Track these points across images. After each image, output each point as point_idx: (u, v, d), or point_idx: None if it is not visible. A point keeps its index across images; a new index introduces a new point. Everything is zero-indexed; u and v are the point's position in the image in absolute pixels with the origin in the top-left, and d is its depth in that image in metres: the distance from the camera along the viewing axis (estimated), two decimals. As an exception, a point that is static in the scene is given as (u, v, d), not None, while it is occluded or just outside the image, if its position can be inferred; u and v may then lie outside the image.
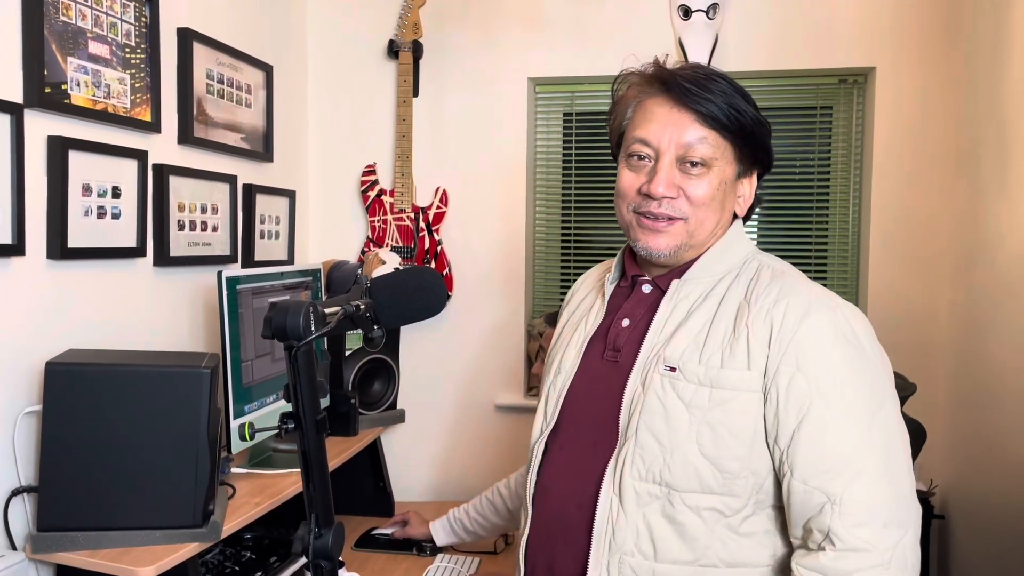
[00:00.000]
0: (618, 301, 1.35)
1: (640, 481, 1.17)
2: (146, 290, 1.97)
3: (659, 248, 1.25)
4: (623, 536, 1.18)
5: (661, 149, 1.23)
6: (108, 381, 1.45)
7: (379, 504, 2.46)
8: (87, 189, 1.74)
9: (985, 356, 2.10)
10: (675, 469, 1.16)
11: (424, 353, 2.74)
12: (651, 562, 1.17)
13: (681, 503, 1.16)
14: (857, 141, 2.54)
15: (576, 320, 1.42)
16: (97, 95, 1.77)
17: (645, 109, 1.26)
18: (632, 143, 1.26)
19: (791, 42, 2.48)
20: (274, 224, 2.52)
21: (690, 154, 1.22)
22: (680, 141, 1.22)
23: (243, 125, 2.35)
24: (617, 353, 1.29)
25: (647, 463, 1.17)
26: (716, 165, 1.23)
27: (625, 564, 1.17)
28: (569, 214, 2.76)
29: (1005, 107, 2.01)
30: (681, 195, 1.23)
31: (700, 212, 1.24)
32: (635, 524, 1.17)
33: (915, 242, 2.43)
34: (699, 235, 1.26)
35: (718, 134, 1.23)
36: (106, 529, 1.46)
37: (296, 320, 0.98)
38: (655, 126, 1.24)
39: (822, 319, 1.16)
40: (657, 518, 1.17)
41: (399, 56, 2.66)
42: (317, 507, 1.05)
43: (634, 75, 1.30)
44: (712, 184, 1.23)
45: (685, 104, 1.23)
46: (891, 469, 1.13)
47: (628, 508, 1.18)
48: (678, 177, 1.23)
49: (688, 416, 1.16)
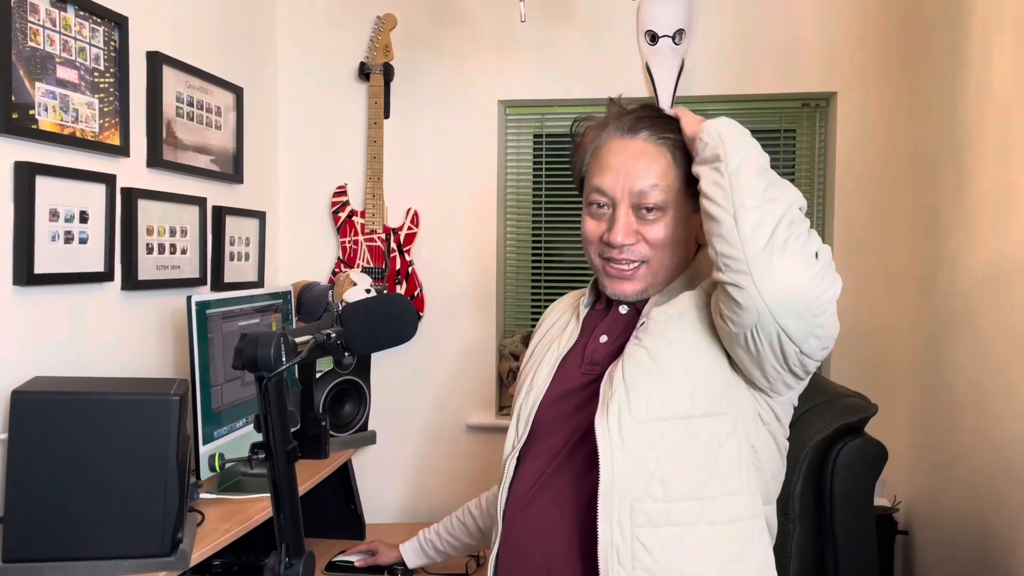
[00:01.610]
0: (594, 322, 1.39)
1: (646, 422, 1.19)
2: (114, 315, 1.95)
3: (625, 293, 1.32)
4: (632, 482, 1.18)
5: (616, 198, 1.29)
6: (75, 410, 1.43)
7: (350, 527, 2.45)
8: (54, 214, 1.73)
9: (944, 374, 2.16)
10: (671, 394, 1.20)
11: (395, 374, 2.74)
12: (662, 503, 1.18)
13: (684, 432, 1.19)
14: (820, 163, 2.60)
15: (549, 340, 1.45)
16: (65, 120, 1.76)
17: (600, 158, 1.32)
18: (591, 193, 1.32)
19: (755, 67, 2.53)
20: (244, 246, 2.52)
21: (644, 201, 1.27)
22: (633, 190, 1.27)
23: (213, 147, 2.35)
24: (595, 367, 1.32)
25: (645, 401, 1.20)
26: (671, 207, 1.28)
27: (636, 510, 1.18)
28: (540, 235, 2.79)
29: (961, 130, 2.07)
30: (640, 240, 1.29)
31: (660, 253, 1.30)
32: (644, 467, 1.18)
33: (877, 263, 2.49)
34: (662, 274, 1.32)
35: (669, 171, 1.28)
36: (73, 559, 1.44)
37: (267, 351, 0.98)
38: (609, 177, 1.29)
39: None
40: (663, 457, 1.19)
41: (370, 78, 2.68)
42: (287, 537, 1.05)
43: (590, 119, 1.36)
44: (669, 225, 1.29)
45: (641, 139, 1.28)
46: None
47: (636, 452, 1.19)
48: (635, 223, 1.29)
49: (666, 343, 1.22)
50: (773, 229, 1.09)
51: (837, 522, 1.66)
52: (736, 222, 1.10)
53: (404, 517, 2.76)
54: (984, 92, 1.92)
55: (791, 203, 1.12)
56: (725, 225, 1.11)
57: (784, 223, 1.09)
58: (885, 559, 2.27)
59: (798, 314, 1.09)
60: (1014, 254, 1.74)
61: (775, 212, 1.10)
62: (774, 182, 1.14)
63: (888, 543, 2.32)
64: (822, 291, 1.09)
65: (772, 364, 1.16)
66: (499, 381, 2.74)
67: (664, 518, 1.18)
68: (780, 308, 1.08)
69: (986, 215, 1.90)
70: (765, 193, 1.12)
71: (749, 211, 1.10)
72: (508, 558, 1.33)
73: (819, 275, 1.08)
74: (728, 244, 1.11)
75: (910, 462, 2.41)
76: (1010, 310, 1.75)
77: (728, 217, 1.11)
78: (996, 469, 1.80)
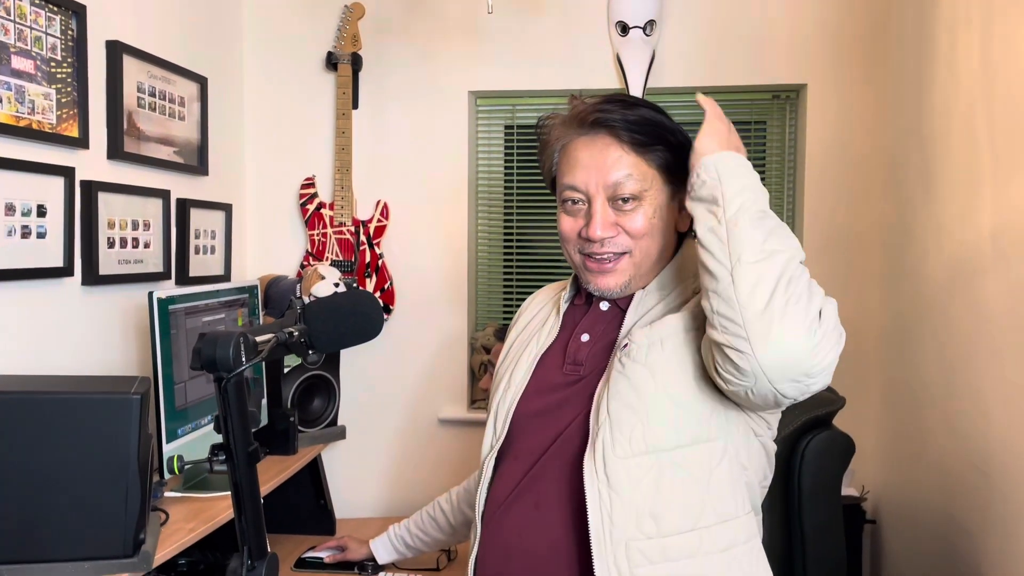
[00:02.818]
0: (574, 318, 1.37)
1: (629, 458, 1.17)
2: (75, 311, 1.91)
3: (609, 287, 1.29)
4: (624, 521, 1.16)
5: (591, 193, 1.26)
6: (32, 410, 1.39)
7: (320, 522, 2.42)
8: (10, 208, 1.69)
9: (912, 366, 2.17)
10: (655, 428, 1.17)
11: (365, 368, 2.71)
12: (656, 540, 1.16)
13: (671, 464, 1.17)
14: (790, 155, 2.61)
15: (527, 336, 1.42)
16: (21, 111, 1.72)
17: (568, 154, 1.29)
18: (564, 190, 1.30)
19: (726, 59, 2.53)
20: (210, 239, 2.47)
21: (619, 192, 1.25)
22: (607, 182, 1.25)
23: (176, 138, 2.30)
24: (579, 367, 1.30)
25: (628, 436, 1.17)
26: (647, 195, 1.26)
27: (632, 549, 1.15)
28: (511, 227, 2.77)
29: (928, 123, 2.08)
30: (620, 231, 1.26)
31: (642, 243, 1.27)
32: (633, 504, 1.16)
33: (846, 255, 2.50)
34: (645, 264, 1.29)
35: (642, 160, 1.26)
36: (31, 562, 1.41)
37: (226, 351, 0.96)
38: (580, 172, 1.27)
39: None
40: (652, 492, 1.17)
41: (338, 68, 2.64)
42: (249, 539, 1.03)
43: (553, 118, 1.33)
44: (647, 214, 1.26)
45: (605, 134, 1.25)
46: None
47: (623, 491, 1.16)
48: (613, 215, 1.26)
49: (649, 373, 1.19)
50: (772, 290, 1.05)
51: (805, 514, 1.67)
52: (733, 280, 1.07)
53: (375, 512, 2.74)
54: (951, 85, 1.93)
55: (790, 256, 1.08)
56: (722, 283, 1.08)
57: (783, 282, 1.05)
58: (853, 548, 2.30)
59: (796, 379, 1.06)
60: (980, 248, 1.75)
61: (774, 269, 1.06)
62: (773, 230, 1.10)
63: (856, 532, 2.35)
64: (823, 356, 1.05)
65: (762, 408, 1.17)
66: (471, 374, 2.73)
67: (660, 554, 1.16)
68: (778, 375, 1.05)
69: (953, 208, 1.91)
70: (764, 245, 1.08)
71: (747, 268, 1.06)
72: (489, 560, 1.31)
73: (822, 341, 1.05)
74: (725, 304, 1.07)
75: (878, 453, 2.43)
76: (976, 303, 1.77)
77: (725, 274, 1.08)
78: (961, 460, 1.82)
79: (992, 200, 1.70)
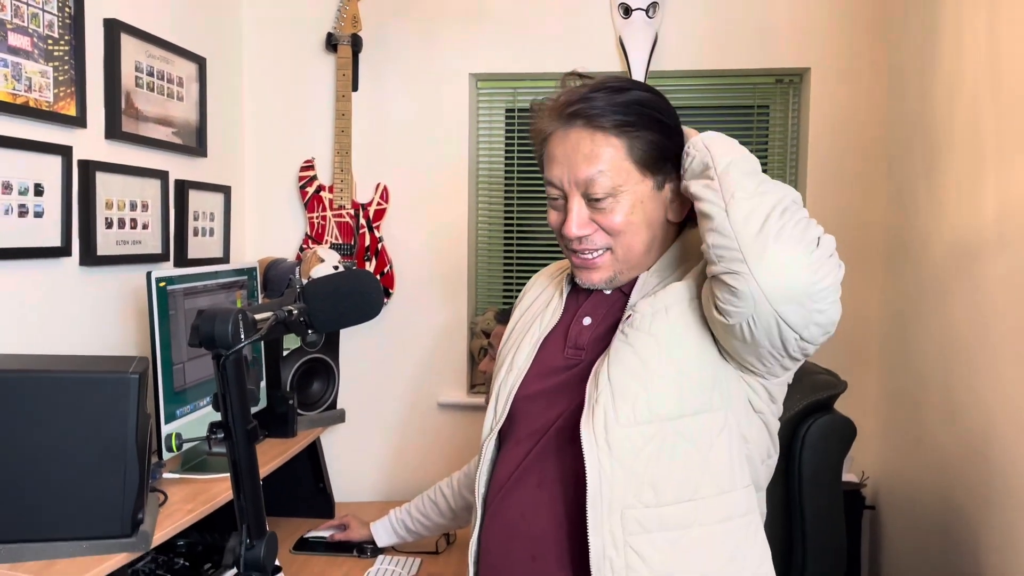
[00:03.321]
0: (576, 300, 1.35)
1: (632, 427, 1.15)
2: (72, 291, 1.90)
3: (594, 282, 1.28)
4: (623, 489, 1.15)
5: (566, 189, 1.24)
6: (30, 388, 1.39)
7: (319, 506, 2.42)
8: (7, 187, 1.67)
9: (912, 352, 2.17)
10: (660, 396, 1.16)
11: (365, 352, 2.70)
12: (654, 509, 1.15)
13: (673, 433, 1.16)
14: (793, 140, 2.59)
15: (530, 318, 1.40)
16: (17, 88, 1.70)
17: (548, 148, 1.27)
18: (546, 185, 1.28)
19: (729, 42, 2.51)
20: (208, 221, 2.46)
21: (591, 190, 1.21)
22: (578, 179, 1.22)
23: (175, 119, 2.28)
24: (580, 351, 1.28)
25: (631, 404, 1.16)
26: (623, 191, 1.21)
27: (628, 518, 1.15)
28: (512, 210, 2.76)
29: (932, 109, 2.06)
30: (596, 228, 1.23)
31: (622, 239, 1.24)
32: (634, 473, 1.15)
33: (848, 240, 2.49)
34: (632, 257, 1.26)
35: (620, 149, 1.21)
36: (29, 541, 1.40)
37: (224, 328, 0.95)
38: (556, 168, 1.24)
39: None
40: (653, 461, 1.16)
41: (338, 49, 2.62)
42: (248, 518, 1.02)
43: (540, 109, 1.30)
44: (625, 209, 1.22)
45: (579, 126, 1.22)
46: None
47: (624, 459, 1.15)
48: (588, 213, 1.23)
49: (653, 341, 1.18)
50: (765, 217, 1.06)
51: (806, 497, 1.67)
52: (728, 214, 1.08)
53: (375, 496, 2.74)
54: (956, 69, 1.92)
55: (783, 195, 1.09)
56: (717, 219, 1.09)
57: (777, 211, 1.06)
58: (853, 534, 2.30)
59: (797, 301, 1.05)
60: (983, 232, 1.74)
61: (767, 202, 1.07)
62: (765, 180, 1.12)
63: (856, 518, 2.35)
64: (821, 276, 1.05)
65: (769, 351, 1.12)
66: (471, 359, 2.72)
67: (657, 523, 1.15)
68: (778, 294, 1.04)
69: (956, 193, 1.90)
70: (757, 188, 1.09)
71: (740, 202, 1.08)
72: (491, 543, 1.30)
73: (818, 261, 1.05)
74: (721, 235, 1.08)
75: (878, 439, 2.43)
76: (977, 289, 1.76)
77: (719, 211, 1.09)
78: (961, 445, 1.82)
79: (995, 184, 1.68)
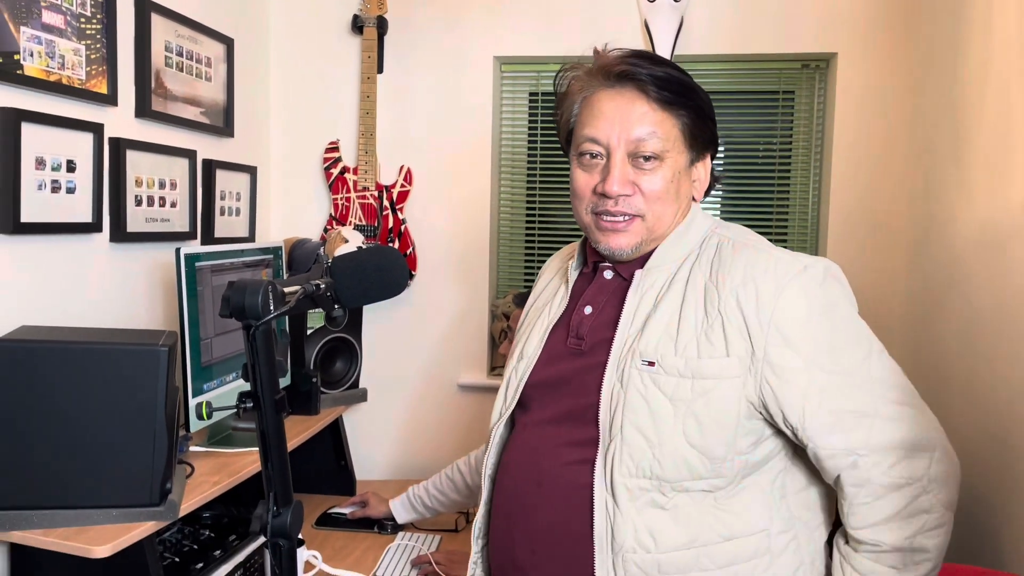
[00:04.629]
0: (581, 288, 1.35)
1: (631, 478, 1.16)
2: (102, 266, 1.93)
3: (620, 247, 1.24)
4: (622, 535, 1.16)
5: (612, 146, 1.22)
6: (63, 359, 1.42)
7: (340, 483, 2.46)
8: (40, 163, 1.70)
9: (935, 334, 2.16)
10: (665, 462, 1.15)
11: (387, 332, 2.73)
12: (653, 555, 1.15)
13: (671, 491, 1.16)
14: (818, 125, 2.58)
15: (540, 306, 1.42)
16: (51, 66, 1.73)
17: (591, 105, 1.24)
18: (582, 142, 1.24)
19: (755, 26, 2.49)
20: (235, 201, 2.49)
21: (641, 149, 1.20)
22: (630, 137, 1.20)
23: (203, 99, 2.31)
24: (580, 341, 1.28)
25: (636, 460, 1.16)
26: (668, 157, 1.22)
27: (629, 562, 1.16)
28: (534, 194, 2.77)
29: (961, 94, 2.04)
30: (636, 191, 1.22)
31: (656, 207, 1.23)
32: (632, 521, 1.16)
33: (872, 227, 2.48)
34: (658, 229, 1.25)
35: (668, 116, 1.21)
36: (61, 508, 1.44)
37: (255, 299, 0.97)
38: (603, 123, 1.22)
39: (794, 294, 1.15)
40: (650, 510, 1.16)
41: (363, 31, 2.63)
42: (276, 486, 1.04)
43: (576, 69, 1.28)
44: (666, 177, 1.22)
45: (632, 88, 1.21)
46: (901, 401, 1.17)
47: (623, 506, 1.16)
48: (631, 173, 1.21)
49: (673, 409, 1.15)
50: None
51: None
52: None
53: (395, 474, 2.78)
54: (986, 54, 1.90)
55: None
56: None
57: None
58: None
59: None
60: (1008, 218, 1.73)
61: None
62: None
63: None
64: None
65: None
66: (491, 341, 2.74)
67: (655, 568, 1.16)
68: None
69: (982, 179, 1.89)
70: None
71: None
72: (496, 524, 1.33)
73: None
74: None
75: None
76: (1002, 274, 1.75)
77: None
78: (980, 430, 1.81)
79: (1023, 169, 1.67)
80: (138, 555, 1.46)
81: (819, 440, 1.14)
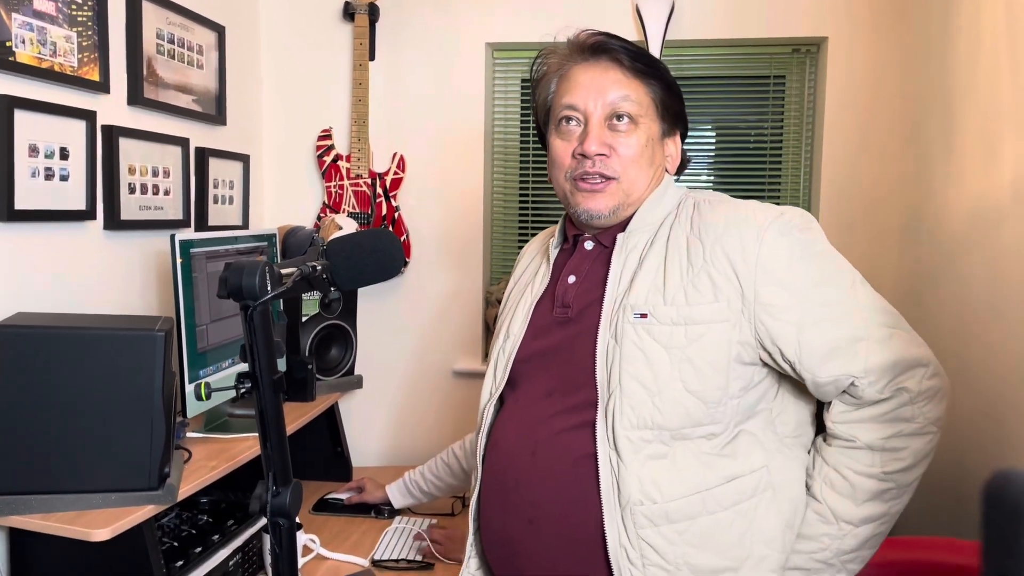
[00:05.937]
0: (562, 262, 1.39)
1: (633, 430, 1.19)
2: (97, 254, 1.94)
3: (598, 209, 1.29)
4: (628, 489, 1.18)
5: (589, 111, 1.29)
6: (60, 344, 1.43)
7: (337, 469, 2.47)
8: (34, 150, 1.70)
9: (927, 317, 2.18)
10: (665, 409, 1.18)
11: (382, 319, 2.74)
12: (660, 505, 1.18)
13: (672, 439, 1.19)
14: (809, 110, 2.59)
15: (522, 286, 1.45)
16: (43, 53, 1.72)
17: (568, 79, 1.33)
18: (561, 110, 1.32)
19: (746, 11, 2.50)
20: (228, 189, 2.49)
21: (617, 109, 1.28)
22: (606, 100, 1.28)
23: (195, 87, 2.31)
24: (567, 309, 1.31)
25: (637, 411, 1.19)
26: (642, 122, 1.29)
27: (637, 514, 1.18)
28: (527, 180, 2.77)
29: (951, 80, 2.06)
30: (613, 153, 1.28)
31: (632, 170, 1.29)
32: (636, 474, 1.18)
33: (863, 212, 2.50)
34: (634, 193, 1.30)
35: (640, 84, 1.30)
36: (60, 492, 1.45)
37: (252, 280, 0.98)
38: (581, 90, 1.30)
39: (775, 236, 1.21)
40: (653, 462, 1.19)
41: (355, 18, 2.63)
42: (275, 466, 1.05)
43: (551, 54, 1.37)
44: (640, 141, 1.29)
45: (606, 59, 1.30)
46: (890, 324, 1.23)
47: (626, 459, 1.18)
48: (608, 136, 1.29)
49: (669, 357, 1.19)
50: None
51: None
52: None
53: (390, 460, 2.79)
54: (974, 39, 1.91)
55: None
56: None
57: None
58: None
59: None
60: (999, 200, 1.74)
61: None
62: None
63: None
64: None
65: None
66: (485, 328, 2.75)
67: (663, 517, 1.18)
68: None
69: (973, 161, 1.90)
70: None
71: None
72: (487, 502, 1.34)
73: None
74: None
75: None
76: (995, 254, 1.76)
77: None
78: (974, 410, 1.83)
79: (1013, 150, 1.69)
80: (137, 539, 1.47)
81: (817, 370, 1.19)
